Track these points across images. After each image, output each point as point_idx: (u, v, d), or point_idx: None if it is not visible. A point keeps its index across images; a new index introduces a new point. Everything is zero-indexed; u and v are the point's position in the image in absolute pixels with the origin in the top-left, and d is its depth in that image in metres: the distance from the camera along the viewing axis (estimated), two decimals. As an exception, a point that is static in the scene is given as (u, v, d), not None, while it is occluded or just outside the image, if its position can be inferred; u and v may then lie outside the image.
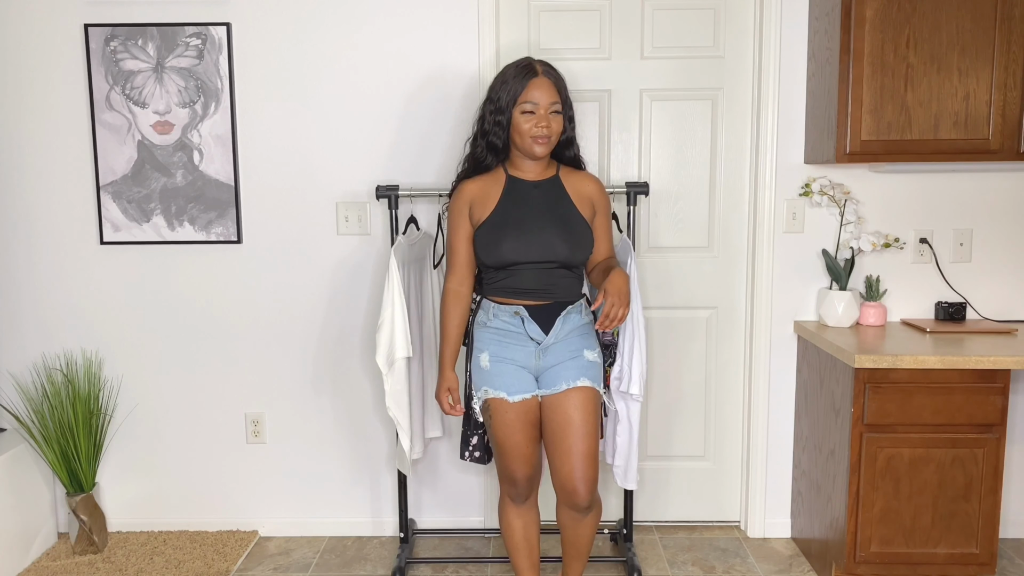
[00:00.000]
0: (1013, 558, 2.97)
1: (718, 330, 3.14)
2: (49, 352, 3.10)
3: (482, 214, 2.36)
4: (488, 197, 2.37)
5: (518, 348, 2.36)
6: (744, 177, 3.05)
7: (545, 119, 2.29)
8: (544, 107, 2.29)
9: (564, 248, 2.33)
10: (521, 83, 2.30)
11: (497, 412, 2.34)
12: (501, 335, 2.37)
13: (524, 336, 2.35)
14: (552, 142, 2.33)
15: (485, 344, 2.38)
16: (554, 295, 2.36)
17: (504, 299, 2.37)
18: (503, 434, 2.35)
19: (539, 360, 2.36)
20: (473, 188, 2.39)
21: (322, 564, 2.98)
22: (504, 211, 2.35)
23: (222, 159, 2.99)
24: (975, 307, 3.02)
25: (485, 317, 2.39)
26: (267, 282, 3.07)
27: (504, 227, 2.33)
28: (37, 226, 3.05)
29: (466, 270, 2.41)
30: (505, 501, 2.49)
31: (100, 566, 2.93)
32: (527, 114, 2.29)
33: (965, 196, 2.98)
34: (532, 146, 2.31)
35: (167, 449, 3.16)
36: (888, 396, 2.52)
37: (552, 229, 2.33)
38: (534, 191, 2.38)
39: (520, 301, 2.36)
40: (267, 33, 2.95)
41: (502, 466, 2.41)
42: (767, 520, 3.14)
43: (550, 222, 2.34)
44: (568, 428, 2.32)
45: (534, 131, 2.29)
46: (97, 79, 2.95)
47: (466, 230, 2.39)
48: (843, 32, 2.63)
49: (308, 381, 3.12)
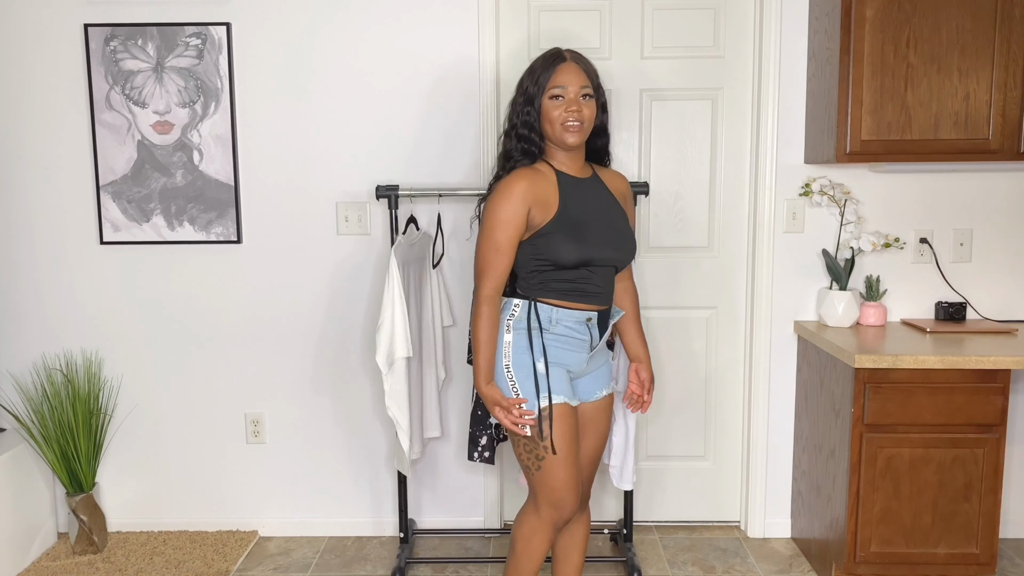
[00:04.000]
0: (1013, 558, 2.97)
1: (718, 330, 3.14)
2: (49, 352, 3.10)
3: (547, 213, 2.15)
4: (547, 195, 2.17)
5: (574, 354, 2.21)
6: (744, 177, 3.05)
7: (575, 103, 2.14)
8: (574, 91, 2.14)
9: (630, 245, 2.26)
10: (549, 70, 2.16)
11: (559, 418, 2.15)
12: (561, 340, 2.19)
13: (586, 343, 2.21)
14: (585, 129, 2.17)
15: (540, 348, 2.18)
16: (610, 297, 2.26)
17: (570, 303, 2.19)
18: (566, 442, 2.16)
19: (587, 365, 2.25)
20: (527, 185, 2.15)
21: (322, 564, 2.97)
22: (573, 207, 2.17)
23: (222, 159, 2.99)
24: (975, 307, 3.02)
25: (545, 323, 2.19)
26: (267, 282, 3.07)
27: (581, 224, 2.16)
28: (37, 226, 3.05)
29: (506, 275, 2.19)
30: (543, 524, 2.22)
31: (100, 566, 2.93)
32: (556, 99, 2.15)
33: (965, 196, 2.98)
34: (564, 134, 2.15)
35: (167, 449, 3.16)
36: (888, 396, 2.52)
37: (618, 226, 2.24)
38: (589, 187, 2.24)
39: (590, 306, 2.20)
40: (267, 33, 2.95)
41: (554, 478, 2.17)
42: (767, 520, 3.14)
43: (615, 219, 2.24)
44: (596, 433, 2.32)
45: (564, 116, 2.14)
46: (97, 79, 2.95)
47: (520, 231, 2.15)
48: (843, 32, 2.63)
49: (308, 381, 3.12)
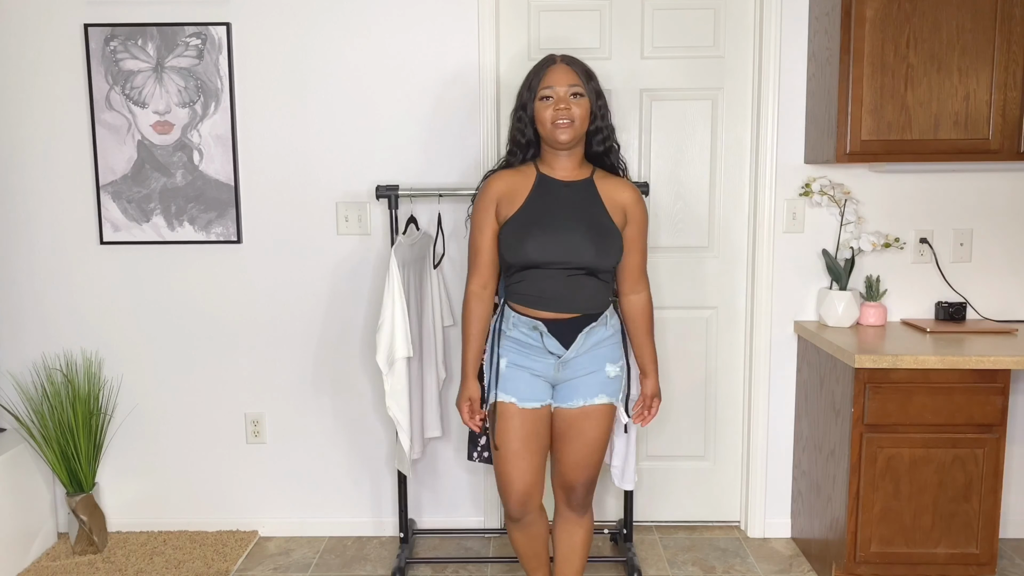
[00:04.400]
0: (1013, 558, 2.97)
1: (718, 330, 3.14)
2: (49, 352, 3.10)
3: (509, 211, 2.23)
4: (516, 194, 2.24)
5: (537, 360, 2.25)
6: (744, 177, 3.05)
7: (564, 101, 2.15)
8: (562, 90, 2.16)
9: (590, 251, 2.19)
10: (539, 74, 2.20)
11: (503, 417, 2.25)
12: (519, 345, 2.26)
13: (542, 350, 2.24)
14: (577, 128, 2.17)
15: (505, 351, 2.27)
16: (577, 304, 2.22)
17: (523, 308, 2.24)
18: (503, 440, 2.25)
19: (558, 372, 2.26)
20: (500, 184, 2.26)
21: (322, 564, 2.97)
22: (532, 208, 2.22)
23: (222, 159, 2.99)
24: (975, 307, 3.02)
25: (505, 325, 2.27)
26: (267, 282, 3.07)
27: (530, 224, 2.20)
28: (37, 226, 3.05)
29: (490, 271, 2.27)
30: (507, 517, 2.36)
31: (100, 566, 2.93)
32: (546, 99, 2.17)
33: (965, 196, 2.98)
34: (554, 132, 2.16)
35: (167, 449, 3.16)
36: (888, 396, 2.52)
37: (580, 230, 2.19)
38: (564, 190, 2.24)
39: (540, 312, 2.22)
40: (267, 33, 2.95)
41: (498, 474, 2.29)
42: (767, 520, 3.14)
43: (578, 223, 2.20)
44: (580, 440, 2.29)
45: (554, 115, 2.15)
46: (97, 79, 2.95)
47: (492, 228, 2.25)
48: (843, 32, 2.63)
49: (308, 381, 3.12)
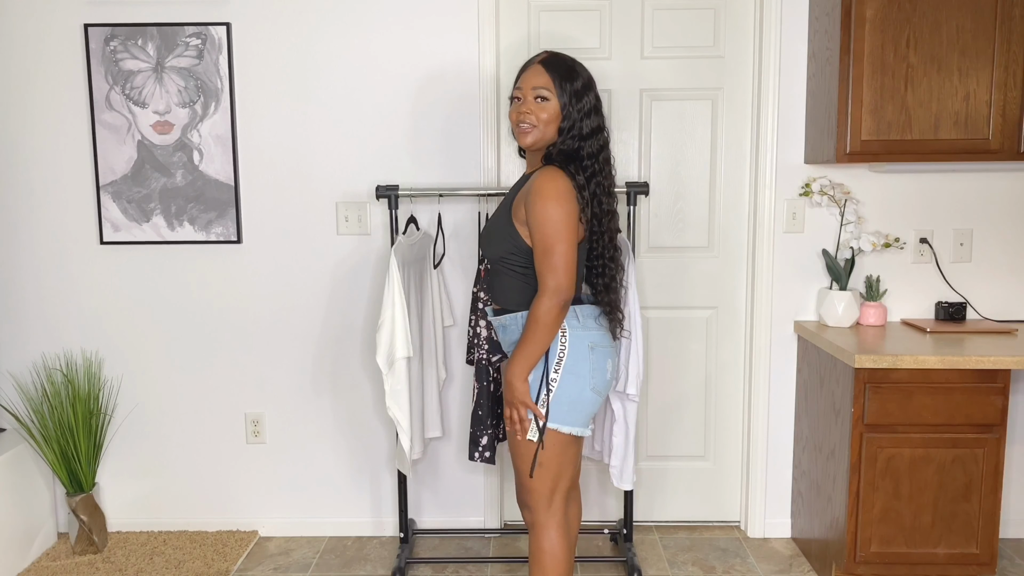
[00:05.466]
0: (1013, 558, 2.97)
1: (718, 330, 3.14)
2: (49, 352, 3.10)
3: None
4: None
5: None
6: (744, 177, 3.05)
7: (526, 104, 2.10)
8: (527, 92, 2.10)
9: (484, 243, 2.24)
10: (519, 74, 2.17)
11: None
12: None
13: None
14: (542, 133, 2.10)
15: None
16: (495, 296, 2.24)
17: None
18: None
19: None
20: None
21: (322, 564, 2.97)
22: None
23: (222, 159, 2.99)
24: (975, 307, 3.02)
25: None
26: (267, 282, 3.07)
27: None
28: (37, 226, 3.05)
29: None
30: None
31: (100, 566, 2.93)
32: (514, 100, 2.15)
33: (965, 196, 2.98)
34: (517, 135, 2.14)
35: (167, 449, 3.16)
36: (888, 396, 2.52)
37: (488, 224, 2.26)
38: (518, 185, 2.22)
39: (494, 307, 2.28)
40: (267, 33, 2.95)
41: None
42: (767, 520, 3.14)
43: (492, 218, 2.26)
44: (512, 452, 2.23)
45: (516, 118, 2.12)
46: (97, 79, 2.95)
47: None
48: (843, 32, 2.63)
49: (308, 381, 3.12)
